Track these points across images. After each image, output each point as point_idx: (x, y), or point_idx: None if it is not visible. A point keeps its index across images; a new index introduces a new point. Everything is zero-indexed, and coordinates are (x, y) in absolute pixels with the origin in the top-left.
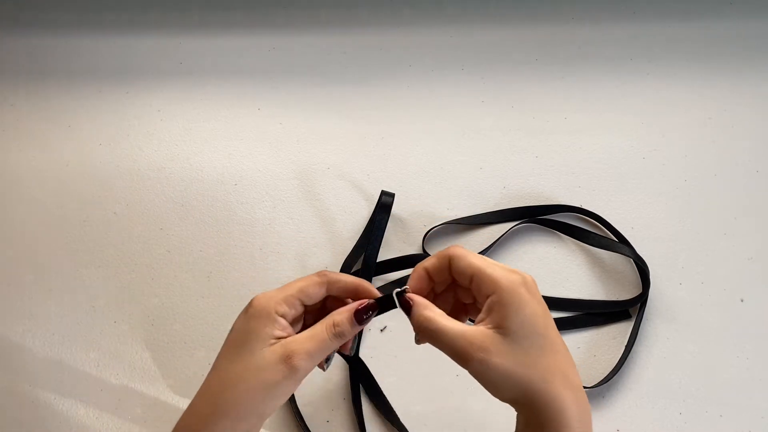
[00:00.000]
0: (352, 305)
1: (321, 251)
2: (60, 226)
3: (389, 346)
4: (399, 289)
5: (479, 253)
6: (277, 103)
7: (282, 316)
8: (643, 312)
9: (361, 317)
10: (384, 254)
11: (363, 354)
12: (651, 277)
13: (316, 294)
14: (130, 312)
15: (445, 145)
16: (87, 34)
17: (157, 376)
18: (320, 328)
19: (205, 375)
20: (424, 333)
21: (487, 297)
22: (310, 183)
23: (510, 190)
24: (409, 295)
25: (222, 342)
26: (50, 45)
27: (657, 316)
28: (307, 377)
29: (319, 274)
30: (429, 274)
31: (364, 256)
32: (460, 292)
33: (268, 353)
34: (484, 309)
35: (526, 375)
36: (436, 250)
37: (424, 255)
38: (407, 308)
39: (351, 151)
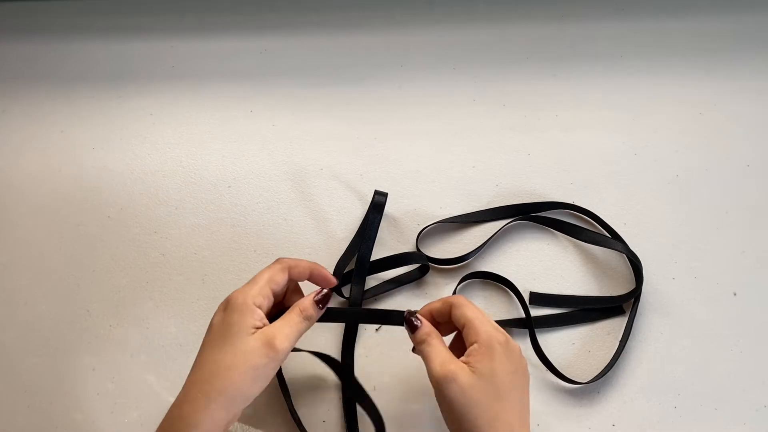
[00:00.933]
0: (312, 294)
1: (315, 252)
2: (54, 230)
3: (384, 346)
4: (411, 311)
5: (474, 250)
6: (270, 105)
7: (258, 307)
8: (637, 307)
9: (323, 304)
10: (378, 254)
11: (357, 353)
12: (644, 272)
13: (282, 280)
14: (125, 315)
15: (437, 144)
16: (78, 39)
17: (153, 379)
18: (291, 314)
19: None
20: (421, 347)
21: (471, 344)
22: (304, 184)
23: (503, 189)
24: (420, 317)
25: None
26: (42, 50)
27: (651, 311)
28: (304, 378)
29: (278, 261)
30: (432, 315)
31: (357, 255)
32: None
33: (252, 340)
34: (466, 353)
35: (476, 413)
36: (429, 249)
37: (418, 253)
38: (413, 328)
39: (344, 151)
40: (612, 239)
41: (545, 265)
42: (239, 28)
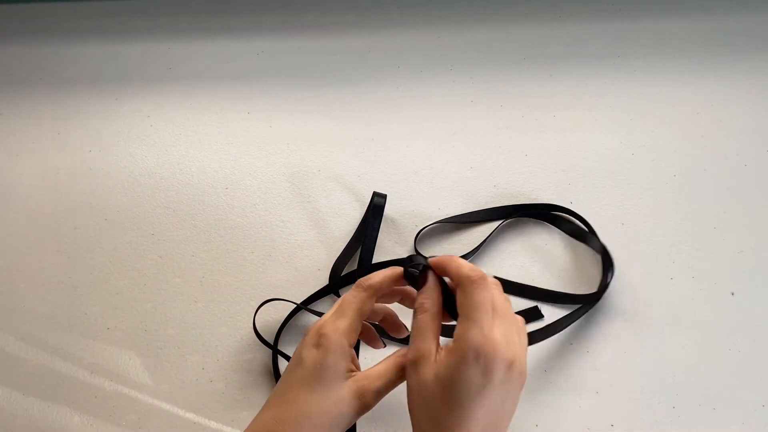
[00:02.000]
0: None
1: (313, 253)
2: (51, 233)
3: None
4: (424, 262)
5: (473, 250)
6: (267, 107)
7: (350, 345)
8: (595, 303)
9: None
10: (376, 255)
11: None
12: (642, 271)
13: (370, 309)
14: (123, 318)
15: (435, 145)
16: (75, 42)
17: (151, 381)
18: (392, 368)
19: (199, 379)
20: (413, 314)
21: (453, 340)
22: (301, 185)
23: (500, 189)
24: (430, 275)
25: (213, 346)
26: (39, 52)
27: (648, 311)
28: None
29: (362, 288)
30: (447, 274)
31: (359, 259)
32: None
33: (345, 388)
34: (445, 346)
35: (420, 411)
36: (427, 250)
37: (419, 256)
38: (420, 281)
39: (341, 152)
40: (588, 235)
41: (544, 265)
42: (236, 30)
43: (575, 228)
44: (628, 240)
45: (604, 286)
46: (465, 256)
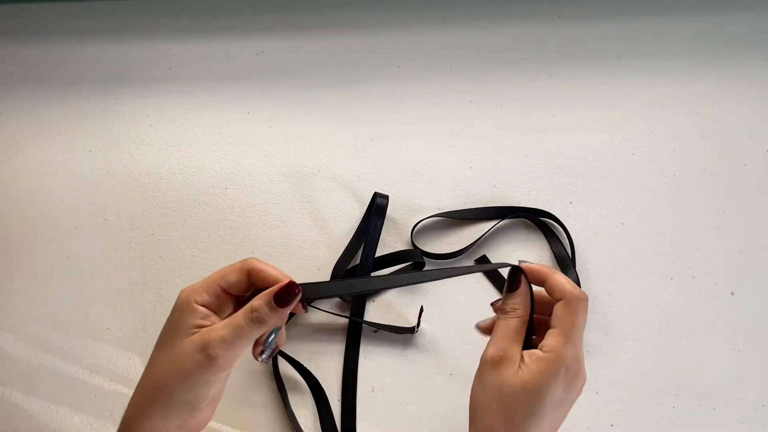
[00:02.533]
0: (271, 289)
1: (313, 253)
2: (51, 233)
3: (384, 346)
4: (522, 262)
5: (469, 245)
6: (267, 106)
7: (202, 305)
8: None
9: (281, 298)
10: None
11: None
12: (643, 271)
13: (237, 280)
14: (123, 318)
15: (434, 145)
16: (75, 42)
17: None
18: (238, 314)
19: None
20: (502, 314)
21: (541, 348)
22: (301, 185)
23: (500, 189)
24: (523, 278)
25: None
26: (38, 52)
27: (649, 311)
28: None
29: (242, 260)
30: (545, 283)
31: (360, 260)
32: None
33: (188, 343)
34: (530, 352)
35: (494, 417)
36: (424, 246)
37: (414, 250)
38: (514, 286)
39: (341, 152)
40: (569, 266)
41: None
42: (236, 30)
43: (562, 254)
44: (628, 240)
45: None
46: (462, 251)
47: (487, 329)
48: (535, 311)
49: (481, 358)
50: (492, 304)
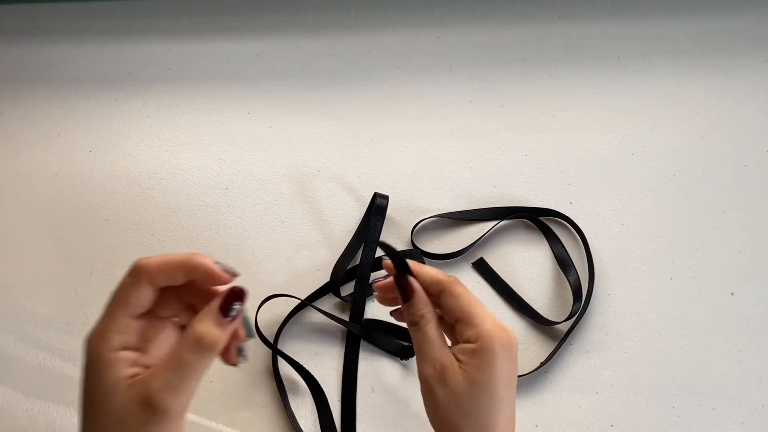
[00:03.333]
0: (212, 305)
1: (313, 254)
2: (51, 234)
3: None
4: (404, 266)
5: (470, 245)
6: (267, 107)
7: (121, 348)
8: (564, 340)
9: (228, 311)
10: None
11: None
12: (642, 271)
13: (143, 299)
14: None
15: (434, 145)
16: (75, 42)
17: None
18: (179, 348)
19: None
20: (413, 328)
21: (466, 340)
22: (301, 186)
23: (500, 189)
24: (413, 282)
25: None
26: (38, 53)
27: (649, 311)
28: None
29: (132, 269)
30: (418, 279)
31: (360, 261)
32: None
33: (123, 402)
34: (459, 349)
35: (464, 423)
36: (424, 246)
37: (414, 250)
38: (407, 293)
39: (341, 152)
40: (570, 267)
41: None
42: (235, 30)
43: (562, 254)
44: (628, 240)
45: (569, 316)
46: (460, 252)
47: (384, 288)
48: None
49: (420, 378)
50: (391, 314)
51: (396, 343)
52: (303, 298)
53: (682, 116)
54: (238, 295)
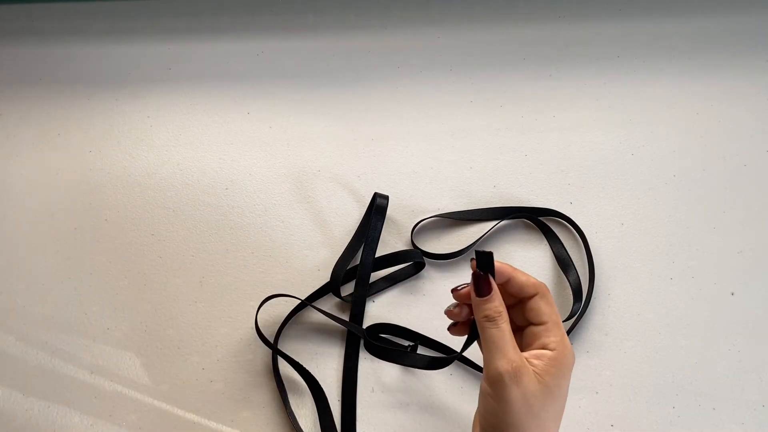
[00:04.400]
0: (466, 293)
1: (313, 254)
2: (51, 234)
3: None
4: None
5: (470, 245)
6: (267, 107)
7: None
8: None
9: (480, 290)
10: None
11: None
12: (642, 271)
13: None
14: (123, 318)
15: (434, 145)
16: (75, 42)
17: (152, 382)
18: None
19: (199, 379)
20: (487, 325)
21: (543, 346)
22: (301, 186)
23: (500, 189)
24: (491, 280)
25: (213, 347)
26: (38, 53)
27: (649, 311)
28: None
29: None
30: (510, 282)
31: (360, 261)
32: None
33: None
34: (534, 354)
35: (528, 425)
36: (424, 246)
37: (414, 250)
38: (485, 291)
39: (341, 153)
40: (570, 267)
41: (542, 266)
42: (235, 31)
43: (562, 254)
44: (628, 240)
45: (569, 316)
46: (460, 252)
47: (464, 296)
48: None
49: (490, 375)
50: (450, 329)
51: (421, 357)
52: (303, 298)
53: (682, 116)
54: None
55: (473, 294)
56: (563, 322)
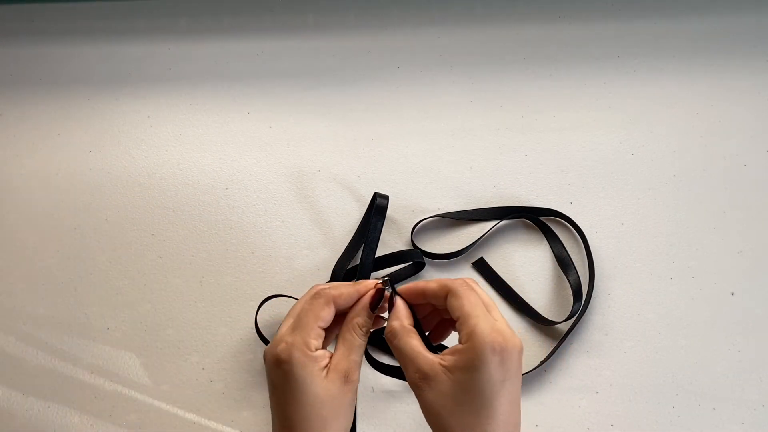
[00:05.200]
0: (363, 301)
1: (313, 254)
2: (51, 233)
3: (382, 347)
4: (388, 288)
5: (470, 245)
6: (267, 107)
7: (316, 349)
8: (564, 340)
9: (375, 307)
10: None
11: None
12: (642, 271)
13: (329, 316)
14: (123, 318)
15: (434, 145)
16: (75, 42)
17: (151, 381)
18: (349, 336)
19: (199, 379)
20: (389, 341)
21: (460, 342)
22: (301, 186)
23: (500, 189)
24: (397, 299)
25: (213, 346)
26: (38, 53)
27: (649, 311)
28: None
29: (317, 294)
30: (425, 294)
31: (360, 260)
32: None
33: (330, 383)
34: (450, 349)
35: (450, 423)
36: (424, 246)
37: (414, 250)
38: (390, 307)
39: (341, 153)
40: (570, 267)
41: (542, 266)
42: (235, 31)
43: (562, 254)
44: (628, 240)
45: (569, 316)
46: (462, 251)
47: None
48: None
49: (410, 384)
50: (382, 335)
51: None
52: None
53: (681, 116)
54: (380, 295)
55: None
56: (563, 322)
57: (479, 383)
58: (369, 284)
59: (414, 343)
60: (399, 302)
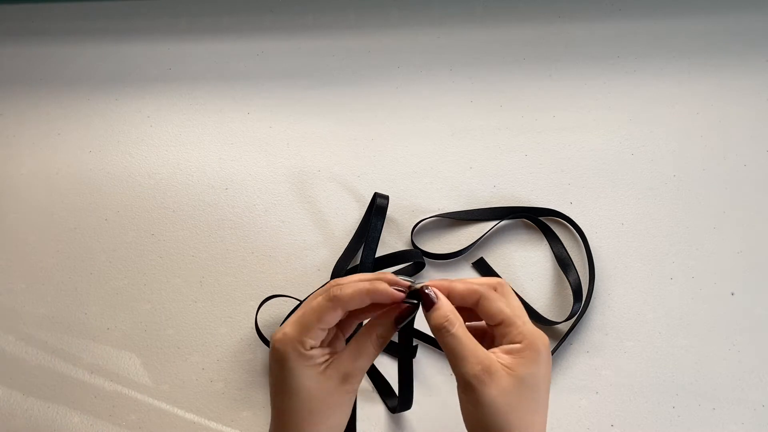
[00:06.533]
0: (389, 315)
1: (313, 254)
2: (51, 233)
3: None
4: (421, 284)
5: (470, 245)
6: (267, 107)
7: (311, 348)
8: (564, 340)
9: (401, 322)
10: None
11: None
12: (642, 271)
13: (333, 320)
14: (123, 318)
15: (434, 145)
16: (75, 42)
17: (151, 381)
18: (364, 342)
19: (199, 379)
20: (440, 334)
21: (510, 342)
22: (301, 186)
23: (500, 189)
24: (435, 290)
25: (213, 346)
26: (38, 53)
27: (649, 311)
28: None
29: (330, 297)
30: (451, 295)
31: (360, 260)
32: (475, 317)
33: (327, 381)
34: (503, 349)
35: (510, 421)
36: (424, 246)
37: (414, 250)
38: (428, 304)
39: (341, 152)
40: (570, 267)
41: (542, 266)
42: (236, 31)
43: (562, 254)
44: (628, 240)
45: (569, 316)
46: (462, 251)
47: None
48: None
49: (461, 383)
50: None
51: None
52: (303, 299)
53: (681, 116)
54: (410, 311)
55: (423, 311)
56: (563, 322)
57: (539, 380)
58: (387, 290)
59: (470, 336)
60: (442, 296)
